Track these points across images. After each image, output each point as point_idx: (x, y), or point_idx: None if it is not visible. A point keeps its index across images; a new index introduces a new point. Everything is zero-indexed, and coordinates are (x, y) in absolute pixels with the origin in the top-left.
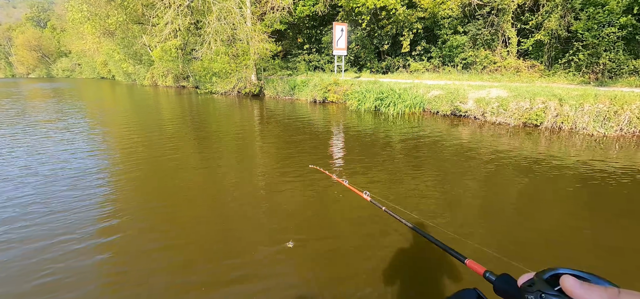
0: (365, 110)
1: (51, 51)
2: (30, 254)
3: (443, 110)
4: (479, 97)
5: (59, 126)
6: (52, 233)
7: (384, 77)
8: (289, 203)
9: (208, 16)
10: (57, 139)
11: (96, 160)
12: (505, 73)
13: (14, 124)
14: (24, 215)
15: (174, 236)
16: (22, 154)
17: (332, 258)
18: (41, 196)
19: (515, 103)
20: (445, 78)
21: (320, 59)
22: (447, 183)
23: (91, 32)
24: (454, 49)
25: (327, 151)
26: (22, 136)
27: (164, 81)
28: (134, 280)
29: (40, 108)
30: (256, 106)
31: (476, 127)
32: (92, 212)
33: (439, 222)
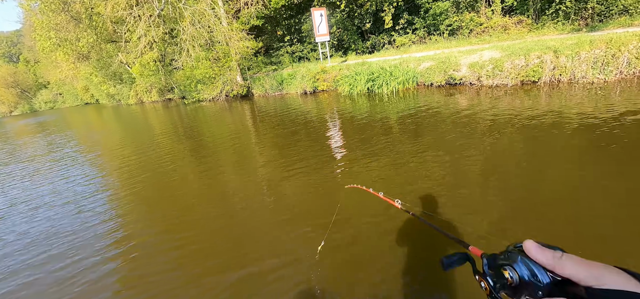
0: (358, 93)
1: (29, 85)
2: (50, 276)
3: (437, 81)
4: (472, 61)
5: (54, 157)
6: (66, 256)
7: (371, 57)
8: (295, 200)
9: (181, 22)
10: (54, 170)
11: (96, 184)
12: (493, 33)
13: (8, 163)
14: (38, 242)
15: (183, 248)
16: (24, 190)
17: (341, 243)
18: (51, 224)
19: (510, 62)
20: (434, 48)
21: (304, 49)
22: (451, 156)
23: (64, 58)
24: (438, 16)
25: (325, 142)
26: (19, 172)
27: (148, 97)
28: (147, 291)
29: (31, 144)
30: (247, 106)
31: (473, 93)
32: (99, 232)
33: (446, 201)
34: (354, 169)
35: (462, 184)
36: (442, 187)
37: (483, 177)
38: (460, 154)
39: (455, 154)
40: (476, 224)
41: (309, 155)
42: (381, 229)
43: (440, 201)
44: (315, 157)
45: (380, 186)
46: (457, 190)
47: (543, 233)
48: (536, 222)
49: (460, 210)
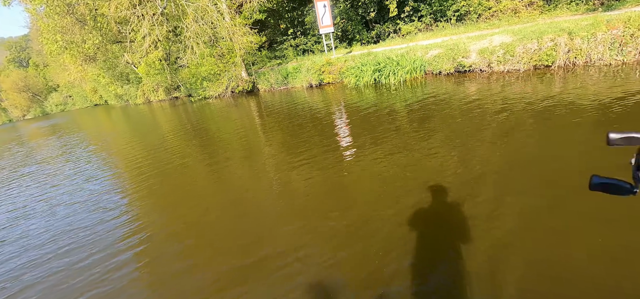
0: (365, 85)
1: (40, 89)
2: (71, 271)
3: (446, 69)
4: (482, 47)
5: (68, 157)
6: (85, 249)
7: (376, 47)
8: (303, 193)
9: (184, 19)
10: (69, 170)
11: (110, 183)
12: (502, 17)
13: (26, 164)
14: (59, 237)
15: (196, 242)
16: (43, 189)
17: (353, 234)
18: (70, 220)
19: (521, 46)
20: (441, 35)
21: (307, 41)
22: (461, 143)
23: (72, 61)
24: (445, 2)
25: (333, 135)
26: (37, 173)
27: (156, 96)
28: (160, 279)
29: (45, 146)
30: (252, 102)
31: (483, 80)
32: (115, 227)
33: (456, 190)
34: (362, 161)
35: (472, 172)
36: (453, 176)
37: (495, 165)
38: (470, 141)
39: (465, 142)
40: (490, 211)
41: (316, 148)
42: (394, 221)
43: (450, 189)
44: (323, 150)
45: (388, 176)
46: (468, 178)
47: (561, 219)
48: (550, 211)
49: (472, 199)
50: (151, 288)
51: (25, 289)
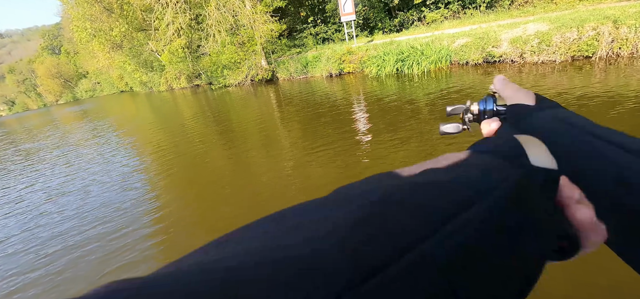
0: (386, 75)
1: (71, 75)
2: (103, 243)
3: (473, 59)
4: (514, 36)
5: (98, 141)
6: (117, 226)
7: (399, 36)
8: (319, 181)
9: (206, 7)
10: (99, 152)
11: (136, 165)
12: (537, 4)
13: (60, 146)
14: (91, 215)
15: (211, 222)
16: (76, 171)
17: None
18: (101, 200)
19: (559, 35)
20: (469, 23)
21: (328, 30)
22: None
23: (100, 48)
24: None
25: (351, 125)
26: (71, 154)
27: (178, 84)
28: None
29: (77, 130)
30: (271, 90)
31: (514, 71)
32: (142, 207)
33: None
34: (380, 152)
35: None
36: None
37: None
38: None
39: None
40: None
41: (334, 138)
42: None
43: None
44: (341, 139)
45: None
46: None
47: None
48: None
49: None
50: (172, 258)
51: (64, 255)
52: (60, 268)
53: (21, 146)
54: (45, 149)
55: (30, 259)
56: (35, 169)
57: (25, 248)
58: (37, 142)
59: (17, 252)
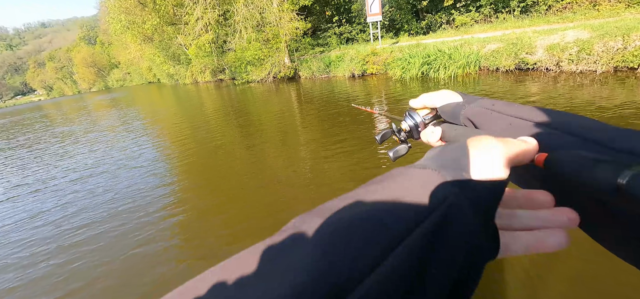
0: (411, 78)
1: (104, 65)
2: (130, 225)
3: (505, 65)
4: (551, 43)
5: (126, 128)
6: (141, 211)
7: (426, 39)
8: (334, 179)
9: (235, 4)
10: (127, 138)
11: (160, 152)
12: (577, 10)
13: (92, 131)
14: (119, 198)
15: (227, 212)
16: (106, 154)
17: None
18: (127, 184)
19: (601, 44)
20: (501, 28)
21: (352, 30)
22: None
23: (132, 40)
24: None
25: (370, 128)
26: (102, 139)
27: (202, 77)
28: (197, 244)
29: (107, 116)
30: (293, 88)
31: (549, 80)
32: (165, 192)
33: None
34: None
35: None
36: None
37: None
38: None
39: None
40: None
41: (352, 137)
42: None
43: None
44: (358, 138)
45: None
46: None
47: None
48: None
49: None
50: (189, 241)
51: (93, 233)
52: (86, 241)
53: (57, 129)
54: (79, 133)
55: (58, 232)
56: (69, 151)
57: (55, 221)
58: (71, 126)
59: (47, 223)
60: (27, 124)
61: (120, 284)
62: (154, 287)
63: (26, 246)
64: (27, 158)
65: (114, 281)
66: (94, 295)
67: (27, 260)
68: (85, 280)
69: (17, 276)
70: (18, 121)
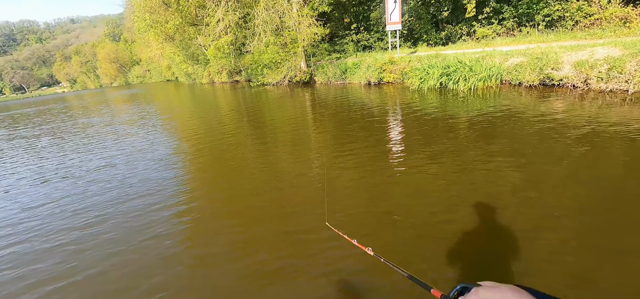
0: (429, 88)
1: (126, 61)
2: (144, 212)
3: (528, 80)
4: (579, 59)
5: (144, 123)
6: (157, 198)
7: (445, 50)
8: (345, 183)
9: (256, 7)
10: (144, 133)
11: (174, 147)
12: (606, 26)
13: (112, 123)
14: (137, 186)
15: (235, 209)
16: (123, 146)
17: (385, 239)
18: (144, 174)
19: (634, 63)
20: (524, 42)
21: (370, 38)
22: (524, 171)
23: (155, 38)
24: (535, 4)
25: (383, 138)
26: (121, 131)
27: (219, 78)
28: (206, 239)
29: (126, 110)
30: (307, 93)
31: (575, 98)
32: (177, 185)
33: (501, 221)
34: (411, 162)
35: (539, 206)
36: (514, 208)
37: (568, 200)
38: (542, 167)
39: (535, 167)
40: (536, 261)
41: (365, 144)
42: (427, 238)
43: (505, 221)
44: (371, 146)
45: (432, 190)
46: (533, 213)
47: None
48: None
49: (519, 235)
50: (197, 233)
51: (110, 216)
52: (100, 226)
53: (79, 120)
54: (99, 125)
55: (76, 217)
56: (90, 142)
57: (74, 208)
58: (92, 117)
59: (65, 209)
60: (53, 114)
61: (131, 271)
62: (161, 276)
63: (47, 226)
64: (50, 146)
65: (125, 269)
66: (105, 277)
67: (47, 240)
68: (98, 262)
69: (34, 256)
70: (43, 110)
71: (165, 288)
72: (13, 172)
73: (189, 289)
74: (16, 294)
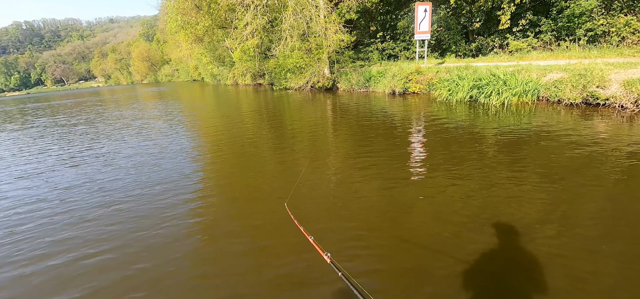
0: (458, 101)
1: (157, 60)
2: (164, 200)
3: (569, 97)
4: (630, 78)
5: (170, 118)
6: (175, 189)
7: (475, 62)
8: (362, 196)
9: (284, 12)
10: (169, 128)
11: (195, 143)
12: None
13: (140, 118)
14: (159, 178)
15: (247, 210)
16: (152, 139)
17: (399, 259)
18: (171, 166)
19: None
20: (563, 57)
21: (395, 47)
22: (562, 197)
23: (185, 39)
24: (577, 17)
25: (406, 151)
26: (150, 125)
27: (243, 80)
28: (220, 234)
29: (154, 106)
30: (329, 99)
31: (623, 119)
32: (196, 179)
33: (520, 248)
34: (436, 182)
35: (571, 231)
36: (527, 232)
37: (610, 230)
38: (578, 191)
39: (571, 191)
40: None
41: (386, 156)
42: (444, 262)
43: (532, 249)
44: (392, 159)
45: (453, 210)
46: (564, 239)
47: None
48: None
49: (544, 268)
50: (213, 215)
51: (132, 200)
52: (124, 209)
53: (111, 112)
54: (129, 118)
55: (104, 201)
56: (120, 133)
57: (102, 191)
58: (123, 111)
59: (92, 193)
60: (89, 106)
61: (151, 244)
62: (178, 252)
63: (78, 203)
64: (86, 134)
65: (146, 242)
66: (127, 250)
67: (80, 214)
68: (123, 236)
69: (68, 227)
70: (80, 102)
71: (182, 259)
72: (50, 155)
73: (200, 260)
74: (50, 256)
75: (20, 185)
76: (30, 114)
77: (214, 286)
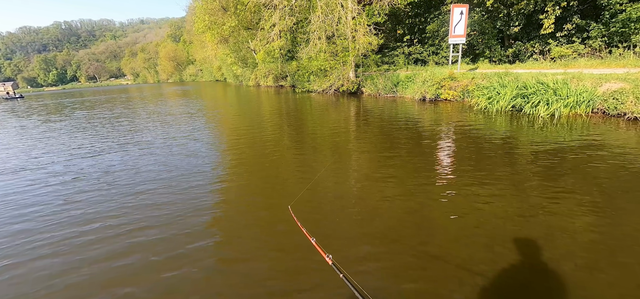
0: (498, 110)
1: (182, 60)
2: (172, 199)
3: (632, 111)
4: None
5: (192, 116)
6: (189, 183)
7: (513, 68)
8: (382, 210)
9: (313, 13)
10: (191, 126)
11: (215, 139)
12: None
13: (165, 115)
14: (178, 169)
15: (265, 216)
16: (174, 133)
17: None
18: (190, 160)
19: None
20: (617, 65)
21: (423, 51)
22: (615, 236)
23: (211, 39)
24: (633, 23)
25: (436, 162)
26: (175, 120)
27: (265, 81)
28: (233, 230)
29: (179, 104)
30: (353, 104)
31: None
32: (207, 176)
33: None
34: (466, 202)
35: (607, 271)
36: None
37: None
38: (627, 227)
39: (615, 234)
40: None
41: (412, 169)
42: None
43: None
44: (419, 174)
45: (480, 228)
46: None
47: None
48: None
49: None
50: (228, 206)
51: (149, 191)
52: (145, 198)
53: (137, 109)
54: (158, 114)
55: (125, 190)
56: (146, 127)
57: (124, 181)
58: (151, 107)
59: (116, 182)
60: (121, 102)
61: (170, 231)
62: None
63: (108, 187)
64: (116, 126)
65: (165, 226)
66: (148, 230)
67: (106, 198)
68: (145, 219)
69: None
70: (111, 98)
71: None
72: (80, 145)
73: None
74: (83, 233)
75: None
76: (85, 107)
77: (216, 285)
